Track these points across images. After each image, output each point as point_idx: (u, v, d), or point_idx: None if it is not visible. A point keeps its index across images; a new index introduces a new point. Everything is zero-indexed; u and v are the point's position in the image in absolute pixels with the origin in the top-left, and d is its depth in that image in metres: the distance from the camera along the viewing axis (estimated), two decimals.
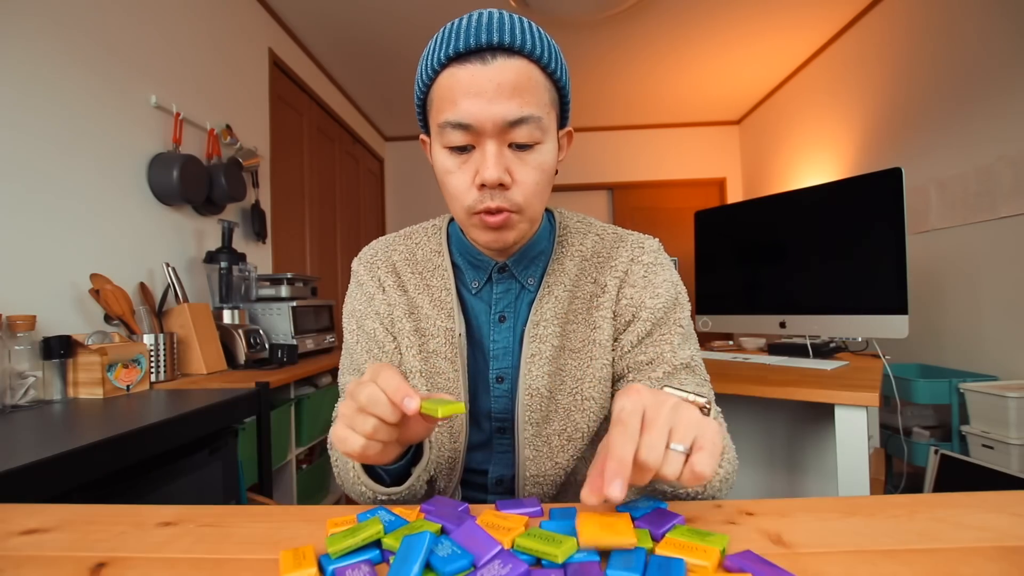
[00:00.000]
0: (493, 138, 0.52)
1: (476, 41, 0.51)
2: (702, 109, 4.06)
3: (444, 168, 0.56)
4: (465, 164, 0.55)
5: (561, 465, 0.64)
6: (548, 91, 0.55)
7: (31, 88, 1.30)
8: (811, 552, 0.35)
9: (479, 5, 2.52)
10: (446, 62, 0.52)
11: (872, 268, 1.37)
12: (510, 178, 0.54)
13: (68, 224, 1.39)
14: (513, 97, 0.51)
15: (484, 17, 0.52)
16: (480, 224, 0.57)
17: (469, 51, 0.51)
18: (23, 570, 0.34)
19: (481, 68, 0.51)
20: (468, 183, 0.55)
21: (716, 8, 2.66)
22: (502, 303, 0.66)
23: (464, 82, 0.51)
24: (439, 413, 0.39)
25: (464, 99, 0.51)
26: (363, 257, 0.71)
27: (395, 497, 0.51)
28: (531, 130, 0.53)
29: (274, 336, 1.95)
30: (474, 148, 0.54)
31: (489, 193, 0.54)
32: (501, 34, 0.51)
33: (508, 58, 0.51)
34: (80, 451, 0.77)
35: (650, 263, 0.66)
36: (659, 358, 0.61)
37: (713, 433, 0.36)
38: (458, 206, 0.57)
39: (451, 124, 0.52)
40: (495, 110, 0.51)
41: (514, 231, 0.58)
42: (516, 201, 0.55)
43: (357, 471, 0.51)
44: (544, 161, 0.56)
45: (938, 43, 2.20)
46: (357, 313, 0.69)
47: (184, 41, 1.89)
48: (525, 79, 0.52)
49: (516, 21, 0.53)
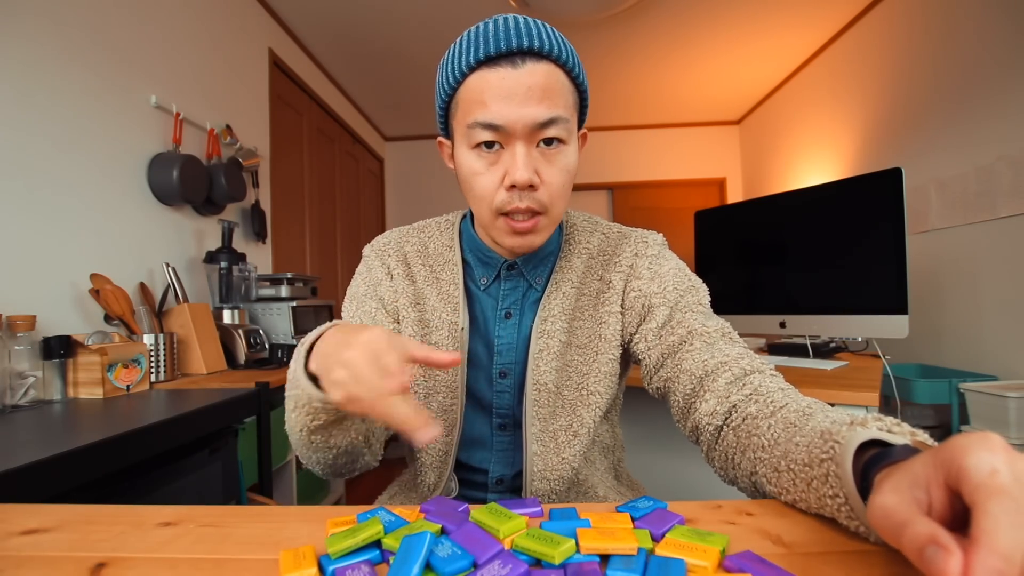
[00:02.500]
0: (522, 140, 0.54)
1: (507, 45, 0.52)
2: (702, 109, 4.05)
3: (471, 169, 0.57)
4: (493, 166, 0.56)
5: (567, 460, 0.64)
6: (572, 94, 0.57)
7: (31, 88, 1.30)
8: (811, 552, 0.35)
9: (479, 5, 2.52)
10: (475, 65, 0.54)
11: (872, 268, 1.37)
12: (539, 179, 0.55)
13: (68, 224, 1.39)
14: (543, 100, 0.53)
15: (511, 22, 0.54)
16: (507, 228, 0.58)
17: (500, 55, 0.52)
18: (23, 570, 0.34)
19: (511, 72, 0.52)
20: (496, 184, 0.56)
21: (716, 8, 2.66)
22: (509, 299, 0.67)
23: (494, 85, 0.53)
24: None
25: (494, 102, 0.53)
26: (376, 244, 0.72)
27: (330, 407, 0.47)
28: (559, 131, 0.55)
29: (274, 336, 1.95)
30: (502, 149, 0.55)
31: (518, 194, 0.55)
32: (531, 39, 0.53)
33: (537, 62, 0.53)
34: (80, 451, 0.77)
35: (654, 255, 0.67)
36: (691, 333, 0.60)
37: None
38: (484, 207, 0.58)
39: (481, 124, 0.54)
40: (526, 112, 0.53)
41: (540, 235, 0.59)
42: (543, 202, 0.56)
43: (298, 375, 0.47)
44: (569, 163, 0.57)
45: (938, 43, 2.20)
46: (359, 294, 0.69)
47: (184, 41, 1.89)
48: (553, 82, 0.54)
49: (541, 26, 0.55)
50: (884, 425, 0.37)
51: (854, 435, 0.36)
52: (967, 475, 0.25)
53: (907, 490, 0.28)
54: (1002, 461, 0.25)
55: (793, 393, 0.52)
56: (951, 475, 0.26)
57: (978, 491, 0.24)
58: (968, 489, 0.25)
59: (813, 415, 0.45)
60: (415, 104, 3.72)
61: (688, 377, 0.58)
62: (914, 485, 0.28)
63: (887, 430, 0.36)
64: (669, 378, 0.60)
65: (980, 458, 0.25)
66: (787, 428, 0.45)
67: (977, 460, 0.25)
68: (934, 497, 0.27)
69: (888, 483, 0.29)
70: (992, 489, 0.24)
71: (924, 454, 0.29)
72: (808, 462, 0.39)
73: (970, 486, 0.25)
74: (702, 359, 0.57)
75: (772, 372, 0.57)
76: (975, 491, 0.24)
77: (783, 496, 0.42)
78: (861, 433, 0.36)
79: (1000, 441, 0.26)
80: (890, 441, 0.35)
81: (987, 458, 0.25)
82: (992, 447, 0.26)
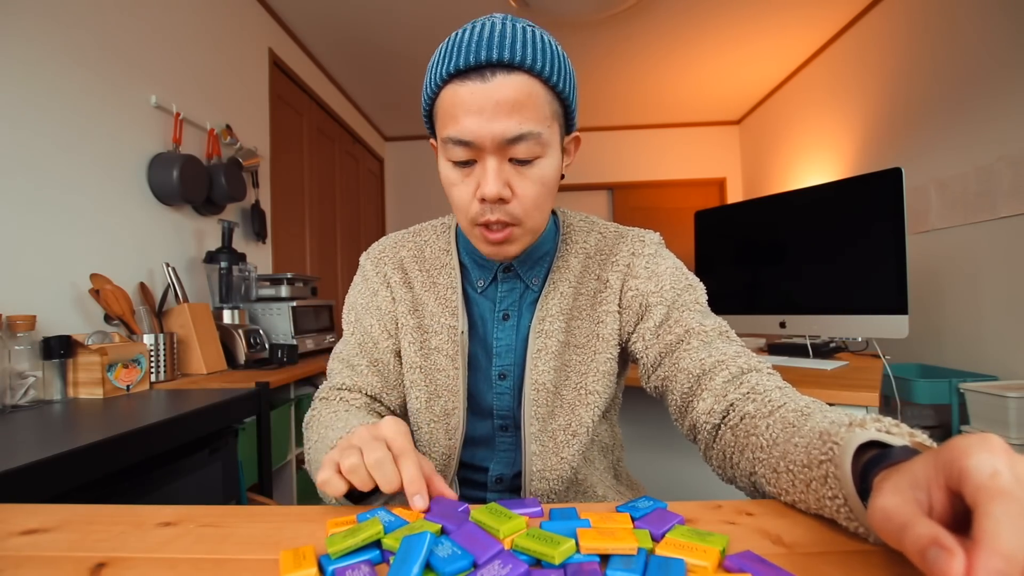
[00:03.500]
0: (493, 154, 0.53)
1: (476, 58, 0.51)
2: (702, 109, 4.05)
3: (448, 180, 0.58)
4: (468, 177, 0.56)
5: (566, 460, 0.64)
6: (549, 104, 0.55)
7: (31, 88, 1.30)
8: (811, 552, 0.35)
9: (479, 5, 2.52)
10: (448, 78, 0.53)
11: (872, 268, 1.37)
12: (510, 192, 0.55)
13: (68, 224, 1.39)
14: (512, 114, 0.52)
15: (486, 30, 0.52)
16: (482, 237, 0.58)
17: (469, 68, 0.51)
18: (23, 570, 0.34)
19: (480, 86, 0.51)
20: (470, 195, 0.56)
21: (716, 8, 2.66)
22: (506, 301, 0.67)
23: (465, 99, 0.52)
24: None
25: (465, 116, 0.52)
26: (371, 252, 0.72)
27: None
28: (530, 146, 0.53)
29: (274, 336, 1.95)
30: (476, 162, 0.55)
31: (489, 207, 0.55)
32: (501, 50, 0.51)
33: (508, 75, 0.51)
34: (80, 451, 0.77)
35: (651, 255, 0.66)
36: (688, 332, 0.60)
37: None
38: (462, 216, 0.59)
39: (452, 140, 0.53)
40: (494, 128, 0.52)
41: (515, 244, 0.59)
42: (515, 214, 0.56)
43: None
44: (544, 175, 0.56)
45: (938, 43, 2.20)
46: (358, 307, 0.70)
47: (184, 41, 1.89)
48: (524, 95, 0.52)
49: (518, 33, 0.52)
50: (883, 426, 0.37)
51: (853, 436, 0.36)
52: (968, 477, 0.25)
53: (908, 492, 0.28)
54: (1003, 463, 0.25)
55: (791, 392, 0.52)
56: (952, 477, 0.26)
57: (980, 492, 0.24)
58: (970, 491, 0.25)
59: (811, 415, 0.45)
60: (415, 104, 3.72)
61: (685, 376, 0.58)
62: (914, 487, 0.28)
63: (886, 431, 0.36)
64: (667, 377, 0.60)
65: (981, 460, 0.25)
66: (785, 428, 0.45)
67: (978, 462, 0.25)
68: (935, 499, 0.27)
69: (888, 485, 0.29)
70: (994, 491, 0.24)
71: (924, 456, 0.29)
72: (807, 463, 0.39)
73: (972, 488, 0.25)
74: (699, 358, 0.57)
75: (770, 371, 0.56)
76: (977, 492, 0.25)
77: (783, 496, 0.42)
78: (860, 434, 0.36)
79: (1000, 443, 0.26)
80: (889, 442, 0.35)
81: (988, 460, 0.25)
82: (993, 449, 0.26)
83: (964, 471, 0.25)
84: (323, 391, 0.68)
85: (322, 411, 0.63)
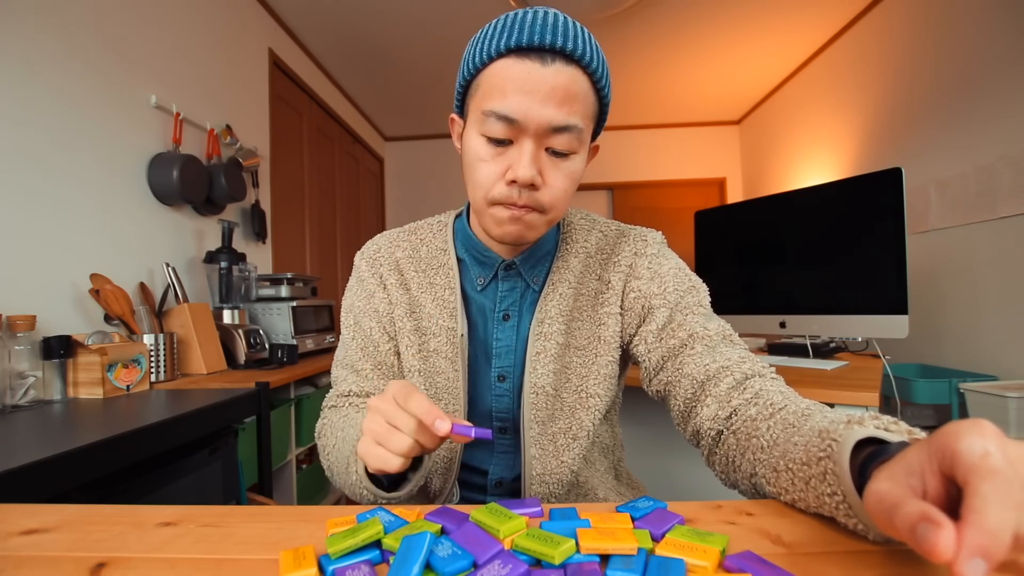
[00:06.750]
0: (533, 138, 0.52)
1: (540, 39, 0.50)
2: (702, 109, 4.05)
3: (476, 155, 0.55)
4: (499, 156, 0.54)
5: (567, 463, 0.63)
6: (593, 104, 0.55)
7: (31, 87, 1.30)
8: (811, 552, 0.35)
9: (479, 5, 2.52)
10: (505, 52, 0.52)
11: (872, 268, 1.37)
12: (542, 179, 0.54)
13: (68, 224, 1.39)
14: (563, 104, 0.51)
15: (550, 17, 0.52)
16: (498, 217, 0.56)
17: (531, 47, 0.51)
18: (23, 570, 0.34)
19: (539, 68, 0.51)
20: (498, 175, 0.54)
21: (716, 8, 2.66)
22: (507, 301, 0.66)
23: (519, 77, 0.51)
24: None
25: (515, 94, 0.51)
26: (366, 252, 0.71)
27: (393, 500, 0.51)
28: (570, 139, 0.53)
29: (274, 336, 1.95)
30: (511, 143, 0.54)
31: (518, 190, 0.54)
32: (565, 39, 0.51)
33: (566, 64, 0.51)
34: (80, 451, 0.77)
35: (654, 255, 0.65)
36: (692, 336, 0.59)
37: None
38: (480, 194, 0.56)
39: (496, 115, 0.52)
40: (543, 113, 0.51)
41: (535, 231, 0.58)
42: (542, 202, 0.55)
43: (360, 476, 0.50)
44: (576, 169, 0.56)
45: (938, 43, 2.20)
46: (355, 309, 0.69)
47: (184, 41, 1.89)
48: (577, 88, 0.52)
49: (578, 28, 0.53)
50: (881, 423, 0.37)
51: (851, 433, 0.36)
52: (960, 458, 0.26)
53: (901, 477, 0.28)
54: (994, 444, 0.25)
55: (792, 395, 0.52)
56: (945, 461, 0.27)
57: (970, 472, 0.25)
58: (961, 471, 0.25)
59: (811, 416, 0.45)
60: (415, 104, 3.72)
61: (689, 381, 0.57)
62: (908, 473, 0.28)
63: (884, 428, 0.36)
64: (670, 381, 0.59)
65: (972, 442, 0.26)
66: (786, 429, 0.45)
67: (970, 443, 0.26)
68: (929, 484, 0.28)
69: (883, 472, 0.30)
70: (984, 470, 0.24)
71: (918, 444, 0.29)
72: (806, 461, 0.39)
73: (963, 468, 0.25)
74: (703, 363, 0.57)
75: (773, 375, 0.56)
76: (968, 473, 0.25)
77: (782, 496, 0.42)
78: (858, 431, 0.36)
79: (991, 427, 0.27)
80: (887, 439, 0.35)
81: (979, 441, 0.26)
82: (984, 431, 0.26)
83: (956, 453, 0.26)
84: (331, 399, 0.68)
85: (333, 418, 0.63)
